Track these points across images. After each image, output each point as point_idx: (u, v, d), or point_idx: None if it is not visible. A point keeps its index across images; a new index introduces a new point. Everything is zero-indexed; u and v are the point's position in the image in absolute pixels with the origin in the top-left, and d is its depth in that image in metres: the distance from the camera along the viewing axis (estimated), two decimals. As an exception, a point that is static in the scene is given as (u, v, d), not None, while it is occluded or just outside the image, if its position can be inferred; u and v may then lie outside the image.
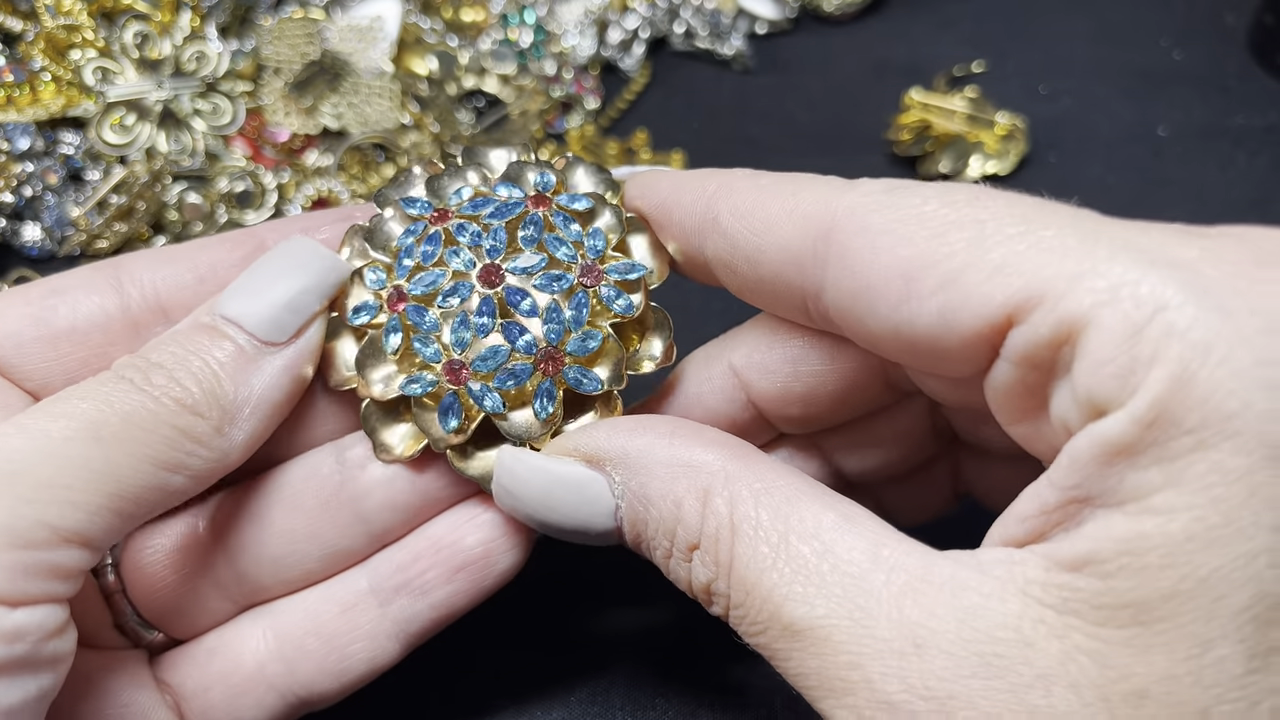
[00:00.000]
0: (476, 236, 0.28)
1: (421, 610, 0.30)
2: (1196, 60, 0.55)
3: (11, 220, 0.48)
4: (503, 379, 0.28)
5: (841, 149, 0.53)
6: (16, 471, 0.23)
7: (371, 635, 0.30)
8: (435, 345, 0.28)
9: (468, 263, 0.28)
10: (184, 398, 0.26)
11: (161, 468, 0.25)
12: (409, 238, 0.29)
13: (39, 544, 0.23)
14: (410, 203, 0.30)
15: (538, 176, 0.30)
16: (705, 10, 0.57)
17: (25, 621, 0.23)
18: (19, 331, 0.28)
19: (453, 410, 0.28)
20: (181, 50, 0.49)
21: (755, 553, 0.24)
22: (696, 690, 0.35)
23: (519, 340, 0.28)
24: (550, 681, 0.35)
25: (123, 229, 0.47)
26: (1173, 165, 0.51)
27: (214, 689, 0.30)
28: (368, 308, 0.29)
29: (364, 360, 0.29)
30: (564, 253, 0.28)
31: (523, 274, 0.28)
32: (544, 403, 0.28)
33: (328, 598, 0.30)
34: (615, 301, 0.28)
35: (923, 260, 0.23)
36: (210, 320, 0.28)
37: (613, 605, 0.37)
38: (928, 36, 0.58)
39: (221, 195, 0.49)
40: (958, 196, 0.24)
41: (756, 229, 0.27)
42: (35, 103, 0.48)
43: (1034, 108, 0.53)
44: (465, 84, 0.54)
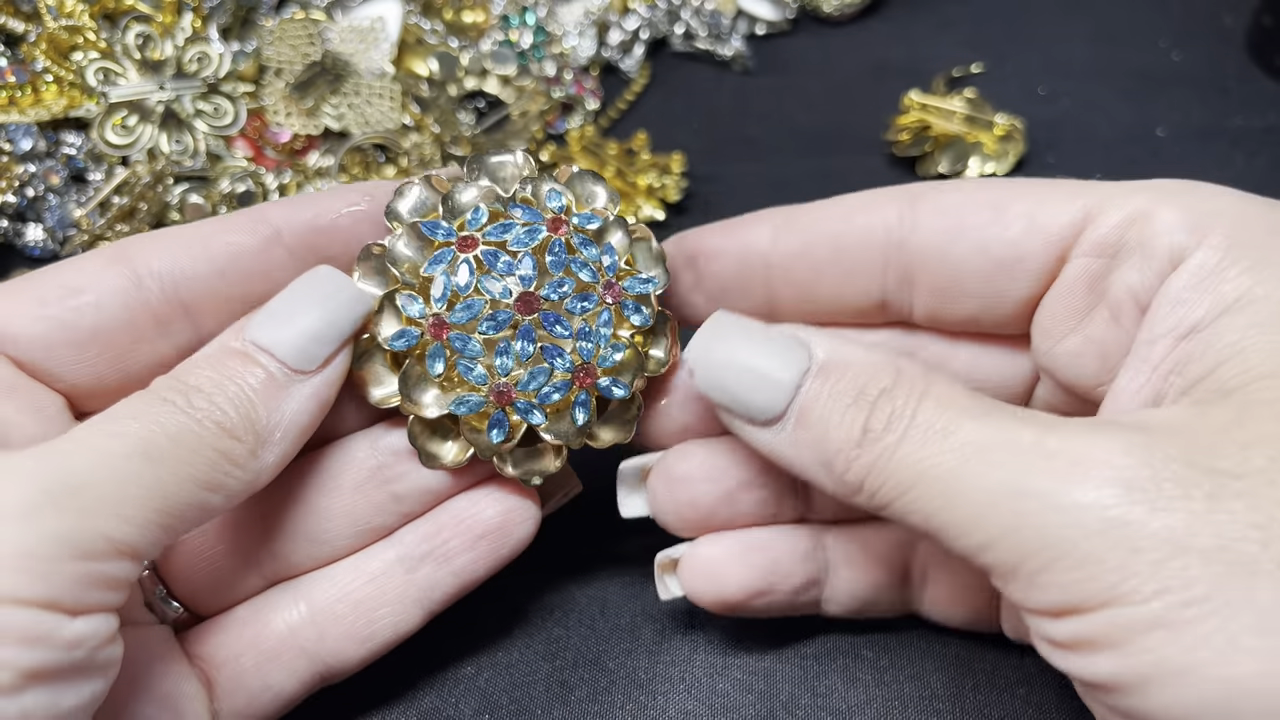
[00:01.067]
0: (508, 265, 0.30)
1: (444, 577, 0.32)
2: (1195, 61, 0.56)
3: (14, 221, 0.48)
4: (545, 395, 0.30)
5: (841, 150, 0.53)
6: (80, 485, 0.24)
7: (399, 600, 0.32)
8: (480, 368, 0.30)
9: (504, 291, 0.30)
10: (224, 421, 0.27)
11: (203, 487, 0.27)
12: (438, 265, 0.30)
13: (98, 555, 0.24)
14: (434, 227, 0.30)
15: (550, 197, 0.31)
16: (705, 11, 0.57)
17: (83, 630, 0.24)
18: (44, 335, 0.29)
19: (501, 425, 0.31)
20: (183, 51, 0.49)
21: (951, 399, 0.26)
22: (697, 689, 0.35)
23: (557, 361, 0.30)
24: (550, 680, 0.36)
25: (125, 230, 0.47)
26: (1171, 166, 0.51)
27: (245, 655, 0.31)
28: (408, 335, 0.30)
29: (409, 382, 0.31)
30: (586, 274, 0.31)
31: (556, 300, 0.30)
32: (581, 412, 0.31)
33: (356, 567, 0.32)
34: (634, 315, 0.31)
35: (1004, 194, 0.30)
36: (241, 346, 0.29)
37: (614, 606, 0.37)
38: (927, 38, 0.58)
39: (223, 196, 0.49)
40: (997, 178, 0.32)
41: (837, 215, 0.32)
42: (38, 104, 0.48)
43: (1033, 109, 0.53)
44: (466, 85, 0.54)
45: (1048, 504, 0.23)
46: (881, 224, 0.31)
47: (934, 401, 0.26)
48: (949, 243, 0.30)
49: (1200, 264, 0.26)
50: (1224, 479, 0.22)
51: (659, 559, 0.34)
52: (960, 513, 0.24)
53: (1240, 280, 0.25)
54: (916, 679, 0.35)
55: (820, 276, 0.32)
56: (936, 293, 0.31)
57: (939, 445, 0.25)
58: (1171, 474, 0.22)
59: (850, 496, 0.27)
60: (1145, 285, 0.27)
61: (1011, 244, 0.29)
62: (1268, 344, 0.24)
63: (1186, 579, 0.21)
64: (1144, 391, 0.27)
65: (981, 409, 0.26)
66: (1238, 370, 0.24)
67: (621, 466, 0.34)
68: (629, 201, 0.49)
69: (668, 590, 0.34)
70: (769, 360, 0.28)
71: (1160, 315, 0.26)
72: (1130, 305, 0.28)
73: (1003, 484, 0.24)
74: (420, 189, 0.32)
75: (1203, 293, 0.26)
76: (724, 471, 0.33)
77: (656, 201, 0.49)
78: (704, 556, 0.33)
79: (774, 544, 0.33)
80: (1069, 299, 0.29)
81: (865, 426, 0.26)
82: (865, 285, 0.32)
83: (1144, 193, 0.28)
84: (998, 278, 0.30)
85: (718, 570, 0.33)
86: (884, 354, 0.28)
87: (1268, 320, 0.24)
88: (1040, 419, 0.25)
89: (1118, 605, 0.22)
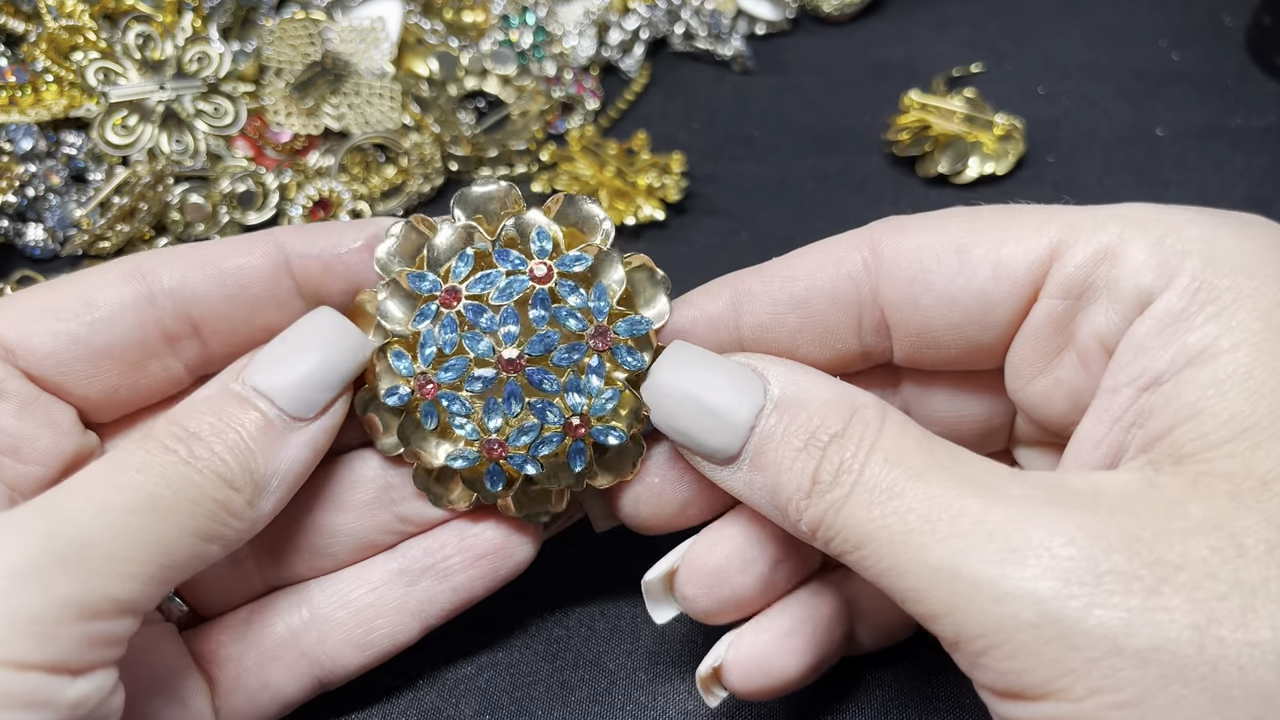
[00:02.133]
0: (491, 321, 0.29)
1: (443, 593, 0.32)
2: (1194, 61, 0.56)
3: (14, 221, 0.48)
4: (537, 449, 0.30)
5: (840, 149, 0.53)
6: (88, 544, 0.24)
7: (397, 612, 0.32)
8: (471, 425, 0.30)
9: (488, 349, 0.29)
10: (224, 471, 0.27)
11: (202, 539, 0.27)
12: (423, 321, 0.30)
13: (103, 615, 0.24)
14: (419, 278, 0.30)
15: (535, 239, 0.30)
16: (705, 11, 0.57)
17: (86, 690, 0.24)
18: (58, 350, 0.29)
19: (497, 476, 0.31)
20: (184, 51, 0.49)
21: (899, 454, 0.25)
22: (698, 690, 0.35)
23: (547, 415, 0.30)
24: (551, 681, 0.36)
25: (125, 229, 0.47)
26: (1171, 166, 0.51)
27: (248, 654, 0.31)
28: (399, 393, 0.30)
29: (407, 435, 0.31)
30: (574, 323, 0.30)
31: (540, 354, 0.30)
32: (577, 460, 0.31)
33: (358, 576, 0.32)
34: (628, 359, 0.30)
35: (966, 235, 0.28)
36: (241, 390, 0.29)
37: (614, 606, 0.37)
38: (926, 37, 0.58)
39: (224, 196, 0.49)
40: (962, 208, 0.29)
41: (800, 275, 0.30)
42: (38, 104, 0.48)
43: (1032, 108, 0.53)
44: (466, 85, 0.54)
45: (985, 590, 0.22)
46: (849, 279, 0.29)
47: (881, 457, 0.25)
48: (918, 297, 0.29)
49: (1165, 309, 0.25)
50: (1166, 570, 0.22)
51: (700, 675, 0.31)
52: (906, 581, 0.24)
53: (1206, 329, 0.24)
54: (918, 678, 0.35)
55: (796, 343, 0.30)
56: (913, 343, 0.30)
57: (883, 508, 0.24)
58: (1112, 566, 0.22)
59: (808, 541, 0.27)
60: (1111, 329, 0.26)
61: (980, 293, 0.28)
62: (1225, 409, 0.23)
63: (1119, 681, 0.21)
64: (1105, 442, 0.26)
65: (929, 468, 0.25)
66: (1194, 435, 0.23)
67: (645, 581, 0.31)
68: (629, 201, 0.49)
69: (716, 698, 0.32)
70: (724, 398, 0.28)
71: (1124, 363, 0.26)
72: (1097, 350, 0.27)
73: (943, 563, 0.23)
74: (406, 230, 0.31)
75: (1167, 341, 0.25)
76: (757, 554, 0.31)
77: (656, 201, 0.49)
78: (751, 654, 0.31)
79: (812, 612, 0.31)
80: (1036, 342, 0.28)
81: (814, 477, 0.26)
82: (844, 344, 0.30)
83: (1112, 225, 0.27)
84: (968, 328, 0.29)
85: (770, 663, 0.31)
86: (842, 390, 0.27)
87: (1228, 379, 0.23)
88: (990, 484, 0.24)
89: (1055, 700, 0.22)
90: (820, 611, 0.31)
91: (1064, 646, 0.22)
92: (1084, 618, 0.22)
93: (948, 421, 0.32)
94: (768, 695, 0.31)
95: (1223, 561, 0.22)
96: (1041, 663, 0.22)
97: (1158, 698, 0.21)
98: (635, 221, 0.49)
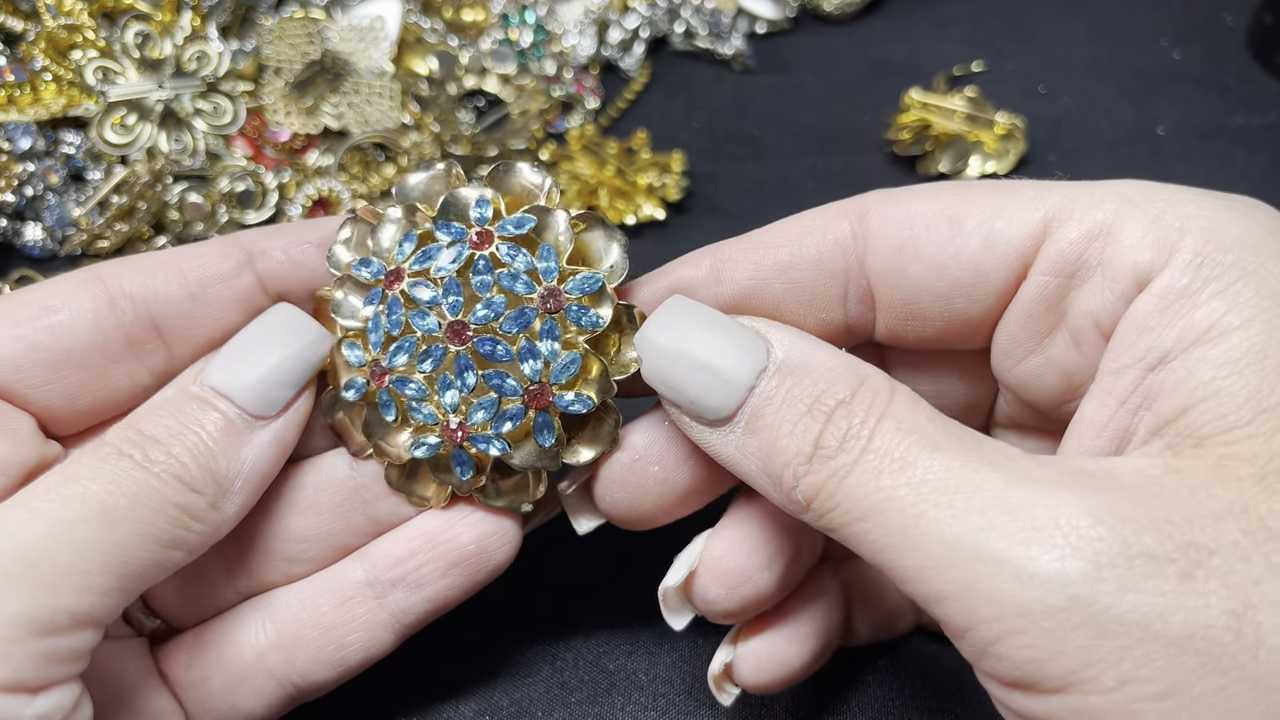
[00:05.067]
0: (434, 295, 0.28)
1: (417, 603, 0.31)
2: (1196, 60, 0.55)
3: (13, 220, 0.48)
4: (499, 425, 0.29)
5: (841, 149, 0.53)
6: (37, 560, 0.24)
7: (368, 626, 0.31)
8: (429, 408, 0.29)
9: (434, 325, 0.28)
10: (183, 474, 0.26)
11: (163, 545, 0.26)
12: (370, 306, 0.29)
13: (59, 630, 0.24)
14: (363, 265, 0.29)
15: (475, 208, 0.29)
16: (705, 10, 0.57)
17: (46, 706, 0.23)
18: (14, 356, 0.28)
19: (464, 462, 0.30)
20: (182, 50, 0.49)
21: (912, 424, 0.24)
22: (697, 690, 0.35)
23: (504, 385, 0.28)
24: (550, 681, 0.36)
25: (124, 229, 0.47)
26: (1172, 164, 0.51)
27: (213, 679, 0.30)
28: (356, 385, 0.30)
29: (371, 431, 0.30)
30: (520, 286, 0.28)
31: (488, 322, 0.28)
32: (545, 435, 0.29)
33: (326, 590, 0.31)
34: (582, 319, 0.29)
35: (960, 205, 0.27)
36: (199, 391, 0.28)
37: (613, 606, 0.37)
38: (927, 36, 0.58)
39: (222, 195, 0.49)
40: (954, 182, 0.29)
41: (784, 241, 0.29)
42: (36, 102, 0.48)
43: (1033, 107, 0.53)
44: (466, 84, 0.54)
45: (1009, 571, 0.21)
46: (835, 245, 0.28)
47: (893, 424, 0.24)
48: (906, 265, 0.28)
49: (1168, 286, 0.24)
50: (1199, 554, 0.21)
51: (712, 674, 0.32)
52: (913, 558, 0.22)
53: (1212, 305, 0.23)
54: (918, 677, 0.35)
55: (779, 311, 0.29)
56: (897, 315, 0.29)
57: (896, 478, 0.23)
58: (1144, 548, 0.21)
59: (797, 514, 0.25)
60: (1107, 309, 0.25)
61: (970, 263, 0.27)
62: (1243, 388, 0.22)
63: (1154, 670, 0.20)
64: (1110, 426, 0.25)
65: (945, 439, 0.24)
66: (1212, 415, 0.22)
67: (663, 589, 0.31)
68: (629, 201, 0.49)
69: (730, 696, 0.32)
70: (723, 355, 0.26)
71: (1126, 343, 0.25)
72: (1091, 330, 0.26)
73: (960, 539, 0.22)
74: (353, 225, 0.30)
75: (1172, 318, 0.24)
76: (779, 549, 0.30)
77: (657, 200, 0.49)
78: (761, 648, 0.31)
79: (814, 599, 0.31)
80: (1027, 320, 0.27)
81: (818, 441, 0.24)
82: (828, 313, 0.29)
83: (1107, 202, 0.26)
84: (955, 300, 0.28)
85: (780, 654, 0.31)
86: (849, 360, 0.26)
87: (1243, 358, 0.22)
88: (1006, 461, 0.23)
89: (1079, 691, 0.21)
90: (822, 598, 0.32)
91: (1093, 633, 0.20)
92: (1116, 602, 0.20)
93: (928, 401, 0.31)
94: (778, 687, 0.31)
95: (1254, 545, 0.21)
96: (1067, 651, 0.20)
97: (1195, 688, 0.20)
98: (635, 221, 0.49)
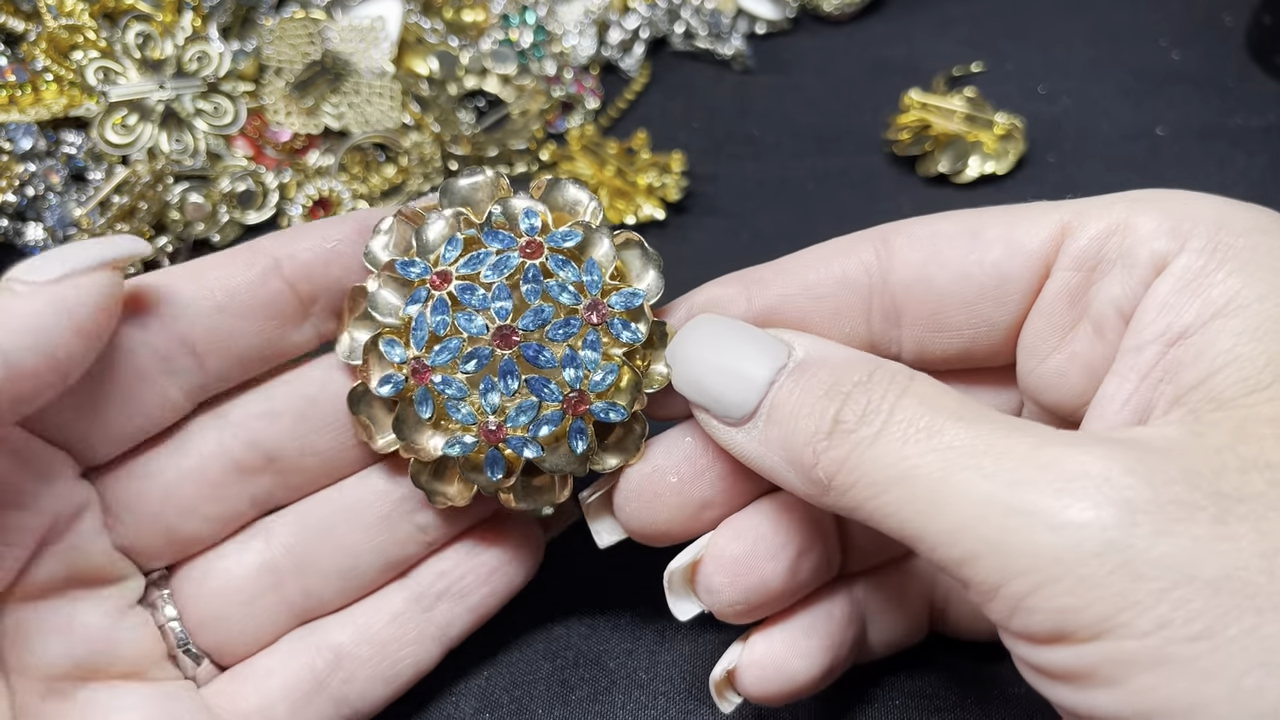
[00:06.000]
0: (483, 299, 0.29)
1: (461, 614, 0.33)
2: (1195, 60, 0.55)
3: (14, 220, 0.48)
4: (536, 428, 0.29)
5: (841, 149, 0.53)
6: None
7: (418, 639, 0.33)
8: (468, 408, 0.29)
9: (481, 328, 0.29)
10: None
11: None
12: (415, 305, 0.30)
13: None
14: (408, 265, 0.30)
15: (524, 218, 0.30)
16: (705, 10, 0.57)
17: None
18: None
19: (497, 463, 0.30)
20: (183, 51, 0.49)
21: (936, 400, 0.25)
22: (698, 689, 0.35)
23: (545, 391, 0.29)
24: (551, 680, 0.36)
25: (125, 229, 0.47)
26: (1171, 165, 0.51)
27: (277, 706, 0.31)
28: (394, 380, 0.30)
29: (402, 427, 0.30)
30: (567, 297, 0.29)
31: (535, 328, 0.29)
32: (579, 440, 0.30)
33: (376, 608, 0.33)
34: (623, 333, 0.30)
35: (977, 220, 0.29)
36: None
37: (615, 604, 0.37)
38: (927, 37, 0.58)
39: (223, 195, 0.49)
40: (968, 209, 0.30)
41: (810, 263, 0.30)
42: (38, 103, 0.48)
43: (1033, 108, 0.53)
44: (466, 84, 0.54)
45: (1041, 521, 0.21)
46: (859, 265, 0.30)
47: (916, 399, 0.25)
48: (931, 275, 0.29)
49: (1185, 267, 0.25)
50: (1228, 502, 0.21)
51: (714, 679, 0.32)
52: (943, 522, 0.23)
53: (1229, 282, 0.24)
54: (918, 676, 0.35)
55: (805, 325, 0.30)
56: (924, 326, 0.30)
57: (922, 445, 0.23)
58: (1174, 496, 0.21)
59: (819, 496, 0.26)
60: (1128, 295, 0.27)
61: (993, 267, 0.29)
62: (1263, 353, 0.23)
63: (1189, 612, 0.20)
64: (1133, 400, 0.26)
65: (969, 412, 0.24)
66: (1234, 379, 0.23)
67: (668, 571, 0.31)
68: (629, 201, 0.49)
69: (730, 704, 0.32)
70: (746, 358, 0.28)
71: (1147, 320, 0.26)
72: (1114, 317, 0.27)
73: (991, 495, 0.22)
74: (396, 223, 0.31)
75: (1190, 296, 0.25)
76: (785, 541, 0.30)
77: (657, 201, 0.49)
78: (765, 656, 0.31)
79: (825, 614, 0.31)
80: (1051, 315, 0.29)
81: (837, 418, 0.25)
82: (853, 328, 0.30)
83: (1120, 203, 0.27)
84: (982, 304, 0.29)
85: (785, 665, 0.30)
86: (866, 354, 0.27)
87: (1261, 326, 0.24)
88: (1033, 428, 0.23)
89: (1114, 637, 0.21)
90: (833, 613, 0.31)
91: (1129, 577, 0.20)
92: (1151, 546, 0.20)
93: None
94: (782, 700, 0.31)
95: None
96: (1103, 596, 0.21)
97: (1231, 629, 0.20)
98: (635, 221, 0.49)
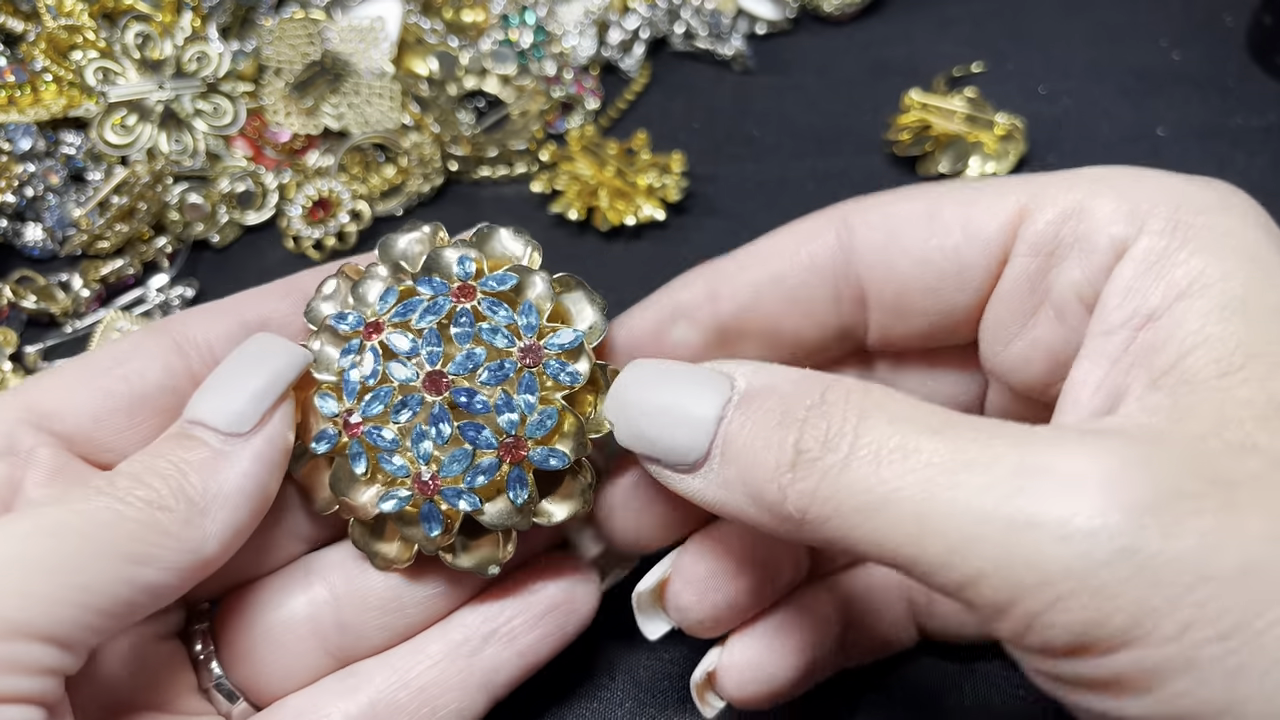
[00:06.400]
0: (414, 346, 0.29)
1: (509, 658, 0.31)
2: (1195, 61, 0.55)
3: (13, 221, 0.48)
4: (472, 478, 0.28)
5: (841, 149, 0.53)
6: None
7: (462, 686, 0.30)
8: (401, 460, 0.29)
9: (411, 375, 0.28)
10: (148, 495, 0.26)
11: (128, 561, 0.25)
12: (347, 357, 0.29)
13: (11, 636, 0.23)
14: (341, 318, 0.30)
15: (458, 265, 0.30)
16: (705, 11, 0.57)
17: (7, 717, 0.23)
18: (94, 406, 0.29)
19: (433, 517, 0.29)
20: (183, 51, 0.49)
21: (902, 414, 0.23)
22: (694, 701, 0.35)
23: (479, 438, 0.28)
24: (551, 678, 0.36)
25: (124, 229, 0.47)
26: (1171, 165, 0.50)
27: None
28: (327, 436, 0.29)
29: (338, 485, 0.29)
30: (500, 340, 0.28)
31: (466, 373, 0.28)
32: (517, 490, 0.29)
33: (416, 650, 0.31)
34: (561, 375, 0.29)
35: (934, 201, 0.29)
36: (178, 429, 0.28)
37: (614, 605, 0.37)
38: (927, 37, 0.58)
39: (223, 195, 0.49)
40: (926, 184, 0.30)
41: (775, 253, 0.30)
42: (37, 103, 0.48)
43: (1033, 108, 0.53)
44: (466, 85, 0.54)
45: (1047, 533, 0.20)
46: (824, 249, 0.29)
47: (878, 415, 0.23)
48: (893, 259, 0.29)
49: (1147, 249, 0.25)
50: (1228, 488, 0.20)
51: (695, 682, 0.31)
52: (937, 545, 0.21)
53: (1191, 263, 0.24)
54: (917, 677, 0.35)
55: (777, 318, 0.30)
56: (887, 310, 0.30)
57: (898, 466, 0.22)
58: (1175, 490, 0.20)
59: (794, 532, 0.24)
60: (1089, 280, 0.26)
61: (954, 252, 0.28)
62: (1233, 334, 0.22)
63: (1213, 610, 0.19)
64: (1105, 385, 0.25)
65: (940, 423, 0.22)
66: (1205, 361, 0.22)
67: (636, 594, 0.31)
68: (629, 201, 0.49)
69: (712, 708, 0.31)
70: (687, 397, 0.26)
71: (1112, 306, 0.25)
72: (1074, 303, 0.27)
73: (988, 512, 0.21)
74: (339, 281, 0.31)
75: (1154, 279, 0.24)
76: (750, 555, 0.30)
77: (656, 201, 0.49)
78: (744, 660, 0.30)
79: (802, 615, 0.31)
80: (1011, 301, 0.28)
81: (797, 446, 0.23)
82: (824, 316, 0.30)
83: (1078, 185, 0.27)
84: (944, 289, 0.29)
85: (763, 667, 0.30)
86: (812, 373, 0.26)
87: (1228, 305, 0.23)
88: (1008, 430, 0.22)
89: (1138, 646, 0.20)
90: (811, 614, 0.31)
91: (1146, 583, 0.19)
92: (1164, 547, 0.19)
93: None
94: (764, 702, 0.31)
95: (1277, 475, 0.20)
96: (1123, 606, 0.20)
97: (1256, 622, 0.19)
98: (635, 221, 0.49)
